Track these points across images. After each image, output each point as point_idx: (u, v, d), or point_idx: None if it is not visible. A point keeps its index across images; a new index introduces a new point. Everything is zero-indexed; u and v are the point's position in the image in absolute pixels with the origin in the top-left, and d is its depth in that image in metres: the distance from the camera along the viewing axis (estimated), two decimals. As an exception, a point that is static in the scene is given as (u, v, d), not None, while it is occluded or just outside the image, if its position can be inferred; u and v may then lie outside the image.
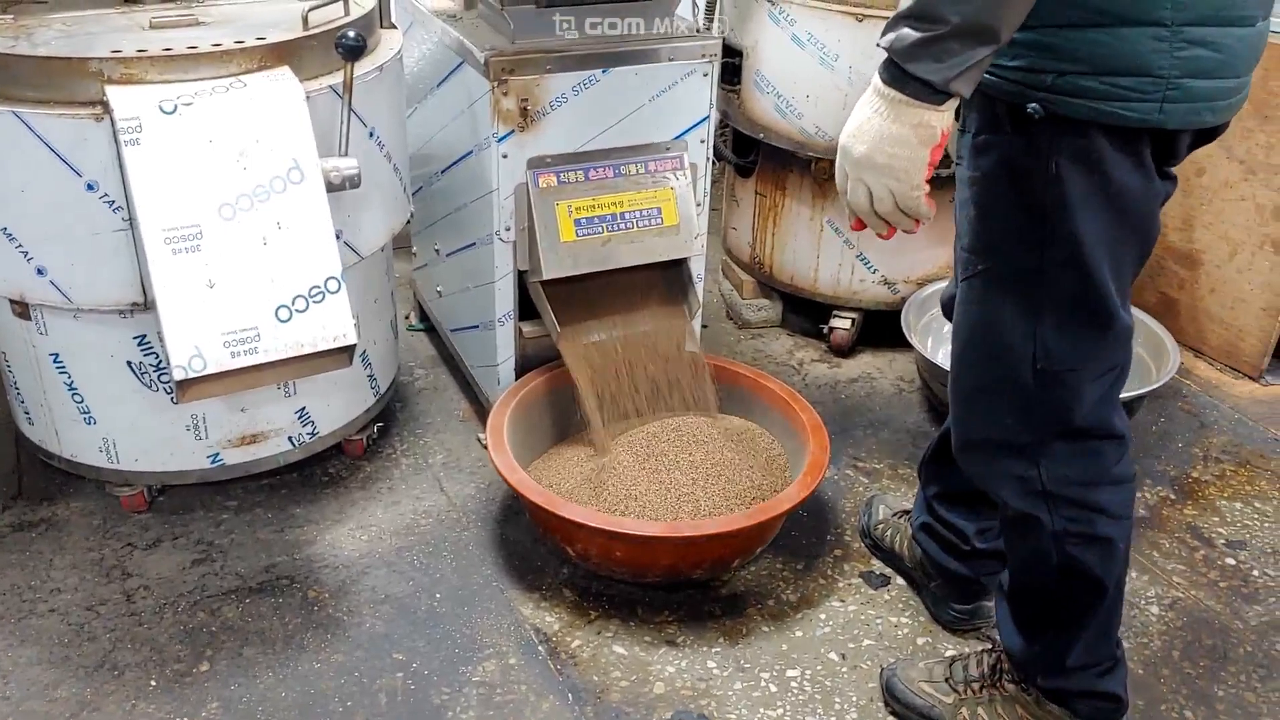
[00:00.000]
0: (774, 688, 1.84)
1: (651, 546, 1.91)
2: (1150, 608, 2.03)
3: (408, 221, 2.27)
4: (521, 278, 2.19)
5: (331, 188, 1.79)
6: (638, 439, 2.12)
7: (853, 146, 1.26)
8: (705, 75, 2.13)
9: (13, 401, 2.17)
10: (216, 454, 2.10)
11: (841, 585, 2.07)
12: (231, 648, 1.88)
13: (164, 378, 1.99)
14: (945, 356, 2.61)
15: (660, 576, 2.01)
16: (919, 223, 1.29)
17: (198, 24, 1.93)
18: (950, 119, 1.22)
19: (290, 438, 2.16)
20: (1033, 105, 1.25)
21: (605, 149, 2.11)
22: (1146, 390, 2.41)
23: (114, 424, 2.05)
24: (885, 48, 1.19)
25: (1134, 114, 1.23)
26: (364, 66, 1.93)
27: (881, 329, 2.79)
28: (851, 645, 1.92)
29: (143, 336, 1.95)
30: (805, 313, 2.92)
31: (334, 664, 1.86)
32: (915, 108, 1.19)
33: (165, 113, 1.68)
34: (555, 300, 2.13)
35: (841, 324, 2.80)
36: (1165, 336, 2.53)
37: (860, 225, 1.33)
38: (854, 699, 1.82)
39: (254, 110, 1.73)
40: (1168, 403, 2.66)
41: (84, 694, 1.79)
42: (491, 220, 2.13)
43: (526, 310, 2.23)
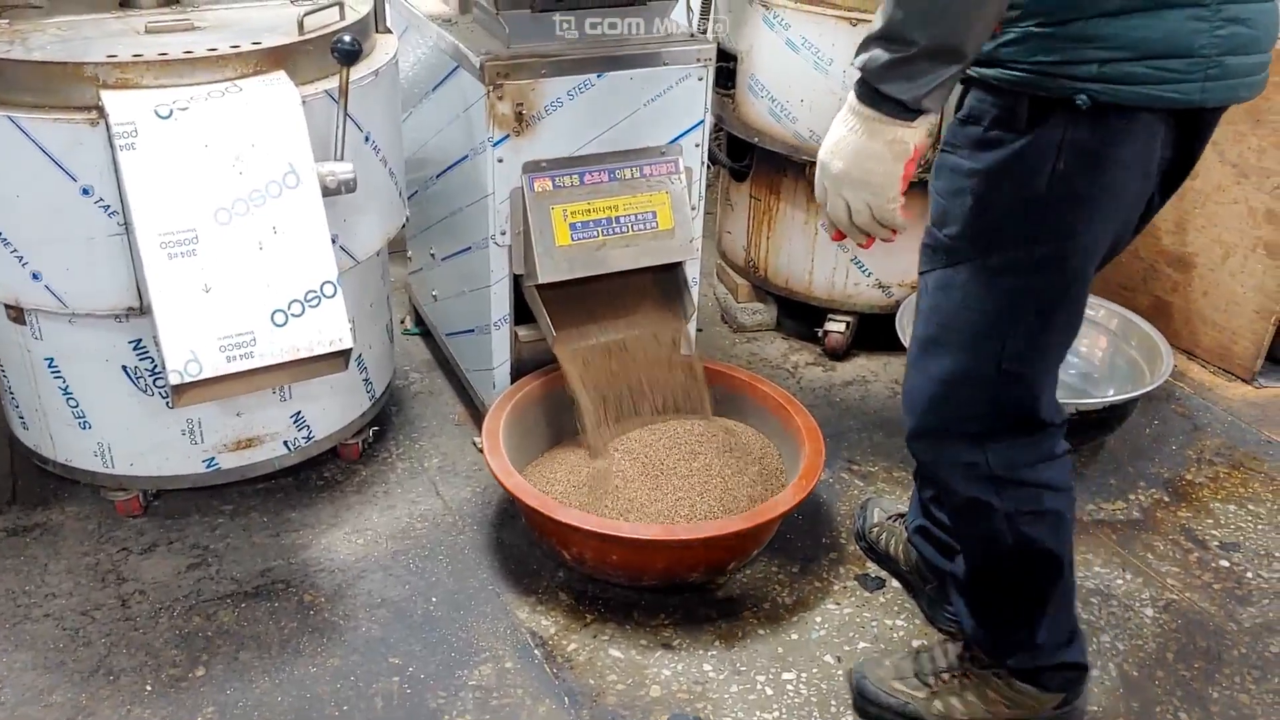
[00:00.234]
0: (770, 690, 1.84)
1: (647, 550, 1.91)
2: (1145, 610, 2.04)
3: (403, 226, 2.27)
4: (517, 282, 2.19)
5: (327, 192, 1.79)
6: (633, 443, 2.12)
7: (831, 163, 1.31)
8: (700, 79, 2.13)
9: (7, 406, 2.16)
10: (212, 458, 2.10)
11: (837, 588, 2.07)
12: (227, 652, 1.88)
13: (159, 382, 1.99)
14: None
15: (656, 580, 2.01)
16: (895, 232, 1.34)
17: (193, 29, 1.93)
18: (923, 134, 1.27)
19: (286, 442, 2.16)
20: (1081, 97, 1.23)
21: (600, 153, 2.12)
22: (1140, 393, 2.42)
23: (109, 428, 2.05)
24: (858, 68, 1.24)
25: (1180, 95, 1.23)
26: (360, 71, 1.93)
27: (876, 332, 2.80)
28: (847, 648, 1.92)
29: (138, 341, 1.95)
30: (800, 316, 2.92)
31: (330, 668, 1.86)
32: (889, 125, 1.24)
33: (161, 117, 1.68)
34: (551, 304, 2.13)
35: (836, 327, 2.81)
36: (1159, 339, 2.54)
37: (840, 236, 1.38)
38: (850, 701, 1.82)
39: (250, 115, 1.73)
40: (1161, 405, 2.67)
41: (79, 699, 1.78)
42: (487, 224, 2.13)
43: (522, 314, 2.23)
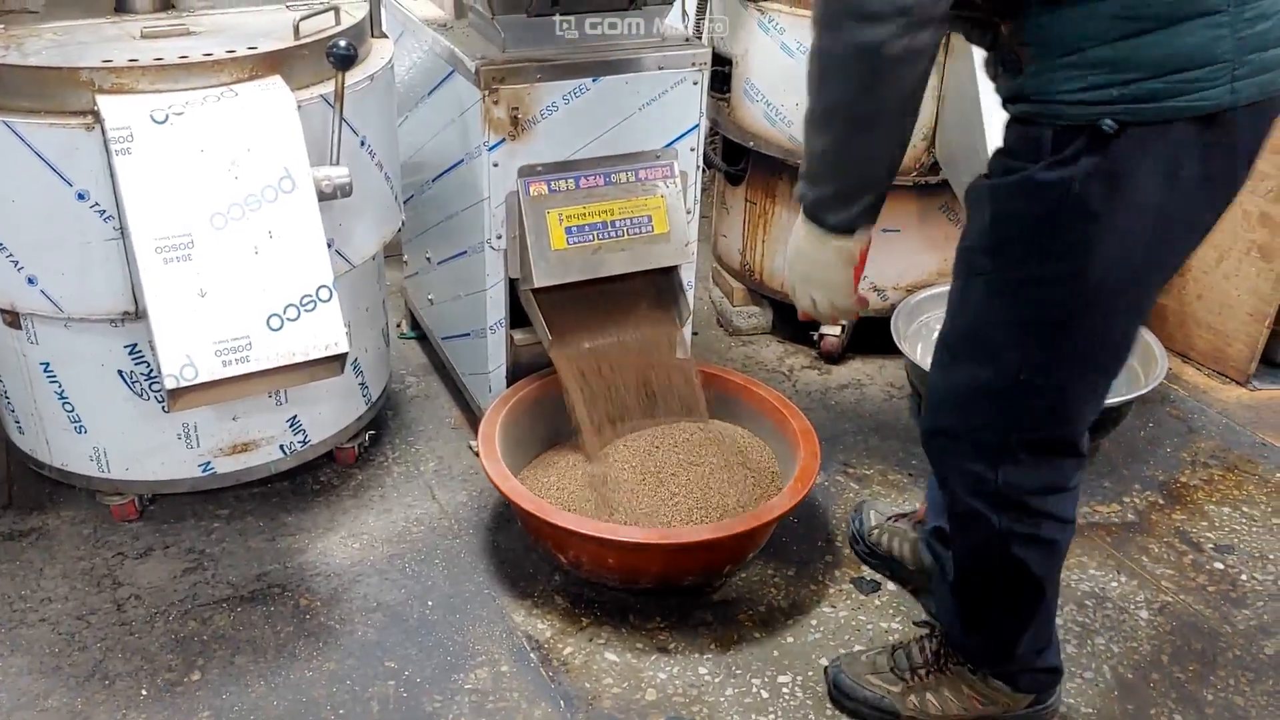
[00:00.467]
0: (765, 694, 1.85)
1: (643, 553, 1.91)
2: (1139, 612, 2.04)
3: (399, 230, 2.28)
4: (512, 286, 2.19)
5: (323, 196, 1.80)
6: (629, 446, 2.12)
7: (794, 267, 1.49)
8: (695, 84, 2.14)
9: (3, 411, 2.16)
10: (208, 463, 2.10)
11: (832, 591, 2.08)
12: (223, 656, 1.88)
13: (155, 386, 1.99)
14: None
15: (652, 583, 2.01)
16: (858, 314, 1.54)
17: (189, 33, 1.94)
18: (865, 240, 1.42)
19: (282, 446, 2.16)
20: (1107, 121, 1.22)
21: (596, 157, 2.12)
22: (1135, 396, 2.42)
23: (105, 433, 2.05)
24: (797, 199, 1.42)
25: (1206, 101, 1.21)
26: (355, 75, 1.94)
27: (871, 335, 2.80)
28: (843, 651, 1.92)
29: (134, 345, 1.95)
30: (795, 319, 2.91)
31: (326, 672, 1.86)
32: (833, 238, 1.41)
33: (156, 122, 1.69)
34: (546, 308, 2.13)
35: (831, 331, 2.81)
36: (1153, 342, 2.54)
37: (808, 316, 1.57)
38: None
39: (245, 119, 1.74)
40: (1156, 408, 2.68)
41: (75, 704, 1.78)
42: (482, 228, 2.13)
43: (517, 318, 2.23)
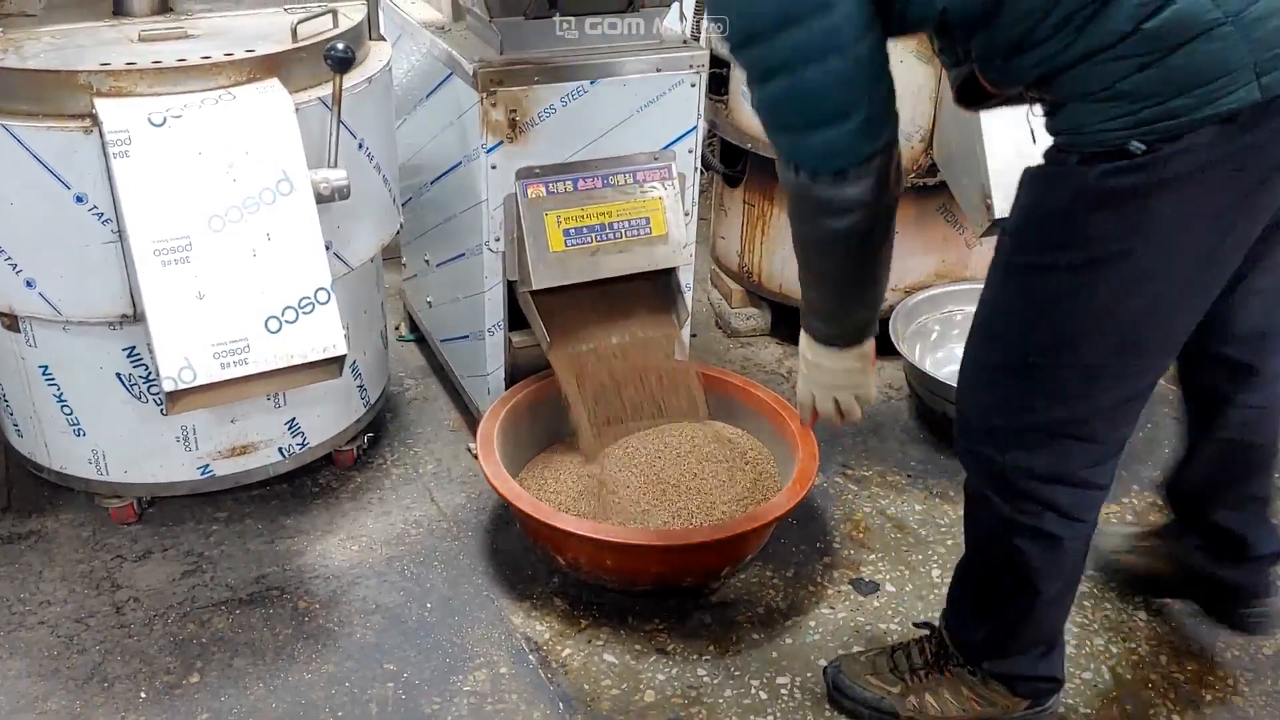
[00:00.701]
0: (764, 695, 1.85)
1: (641, 555, 1.91)
2: (1138, 613, 2.04)
3: (397, 232, 2.28)
4: (511, 288, 2.19)
5: (321, 199, 1.80)
6: (627, 448, 2.12)
7: (814, 380, 1.65)
8: (693, 86, 2.14)
9: (2, 414, 2.16)
10: (206, 465, 2.10)
11: (831, 592, 2.08)
12: (222, 659, 1.88)
13: (153, 389, 1.99)
14: (933, 364, 2.64)
15: (650, 584, 2.01)
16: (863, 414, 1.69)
17: (186, 37, 1.94)
18: (875, 334, 1.59)
19: (280, 448, 2.16)
20: (1134, 143, 1.23)
21: (593, 159, 2.12)
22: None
23: (103, 436, 2.05)
24: (803, 325, 1.62)
25: (1233, 103, 1.20)
26: (353, 78, 1.94)
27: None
28: (841, 652, 1.92)
29: (132, 348, 1.95)
30: (794, 321, 2.89)
31: (324, 674, 1.86)
32: (849, 349, 1.59)
33: (154, 125, 1.69)
34: (545, 310, 2.13)
35: (830, 332, 2.81)
36: (1151, 343, 2.54)
37: (814, 420, 1.71)
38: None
39: (243, 122, 1.74)
40: (1155, 408, 2.67)
41: (73, 706, 1.78)
42: (481, 231, 2.13)
43: (516, 320, 2.23)
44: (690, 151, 2.20)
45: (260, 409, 2.09)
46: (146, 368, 1.97)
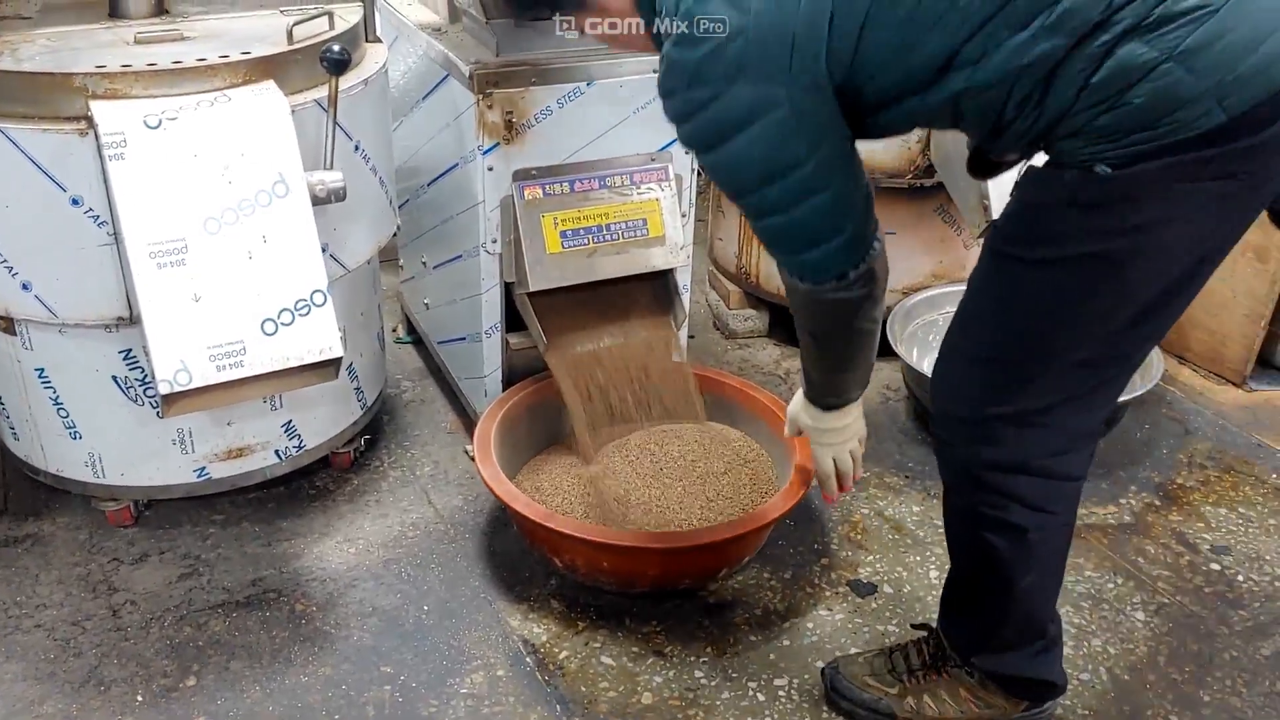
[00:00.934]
0: (762, 697, 1.84)
1: (638, 557, 1.91)
2: (1136, 614, 2.04)
3: (394, 234, 2.28)
4: (508, 290, 2.19)
5: (317, 201, 1.80)
6: (624, 449, 2.12)
7: (823, 441, 1.79)
8: (689, 87, 2.13)
9: (-2, 417, 2.17)
10: (203, 468, 2.10)
11: (829, 594, 2.07)
12: (218, 662, 1.88)
13: (150, 392, 1.98)
14: (930, 365, 2.63)
15: (647, 587, 2.01)
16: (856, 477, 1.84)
17: (182, 39, 1.94)
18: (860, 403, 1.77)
19: (277, 451, 2.16)
20: (1101, 167, 1.28)
21: (591, 160, 2.12)
22: (1131, 397, 2.42)
23: (100, 438, 2.04)
24: (809, 399, 1.76)
25: (1198, 128, 1.23)
26: (349, 80, 1.94)
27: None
28: (839, 654, 1.92)
29: (128, 351, 1.95)
30: (792, 322, 2.91)
31: (321, 677, 1.86)
32: (844, 408, 1.75)
33: (150, 127, 1.69)
34: (542, 312, 2.13)
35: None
36: (1149, 344, 2.54)
37: (841, 490, 1.84)
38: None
39: (239, 124, 1.74)
40: (1152, 409, 2.68)
41: (70, 710, 1.78)
42: (478, 232, 2.13)
43: (513, 322, 2.23)
44: (687, 153, 2.20)
45: (257, 411, 2.09)
46: (143, 370, 1.97)
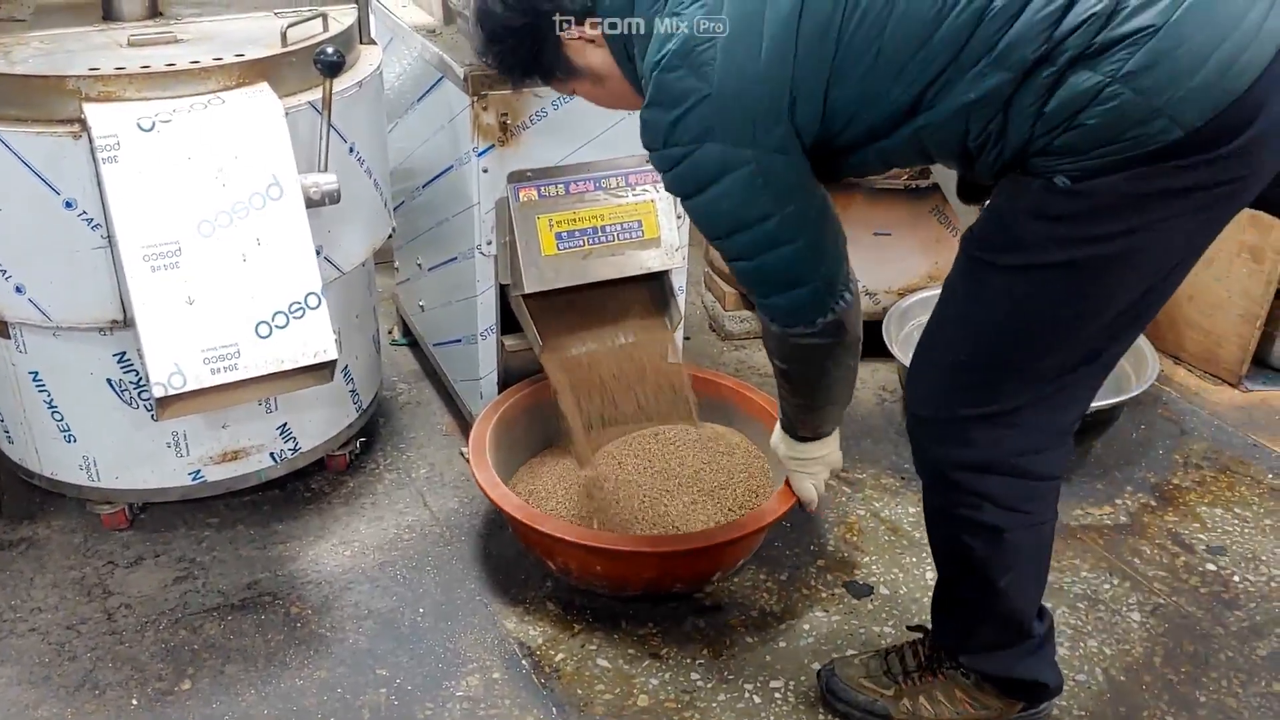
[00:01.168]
0: (758, 699, 1.84)
1: (633, 560, 1.91)
2: (1132, 614, 2.04)
3: (389, 236, 2.28)
4: (503, 292, 2.19)
5: (311, 203, 1.79)
6: (620, 451, 2.12)
7: (803, 470, 1.89)
8: (684, 89, 2.13)
9: (-8, 420, 2.16)
10: (198, 471, 2.09)
11: (825, 595, 2.07)
12: (213, 665, 1.88)
13: (144, 395, 1.98)
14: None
15: (642, 589, 2.01)
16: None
17: (176, 41, 1.93)
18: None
19: (272, 454, 2.16)
20: (1061, 178, 1.29)
21: (585, 162, 2.12)
22: (1126, 397, 2.43)
23: (94, 442, 2.04)
24: (784, 428, 1.85)
25: (1155, 144, 1.24)
26: (343, 82, 1.93)
27: (863, 339, 2.79)
28: (836, 655, 1.91)
29: (123, 354, 1.94)
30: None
31: (317, 680, 1.85)
32: (825, 438, 1.85)
33: (143, 130, 1.68)
34: (537, 314, 2.13)
35: (824, 334, 2.81)
36: (1144, 344, 2.55)
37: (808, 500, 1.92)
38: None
39: (233, 127, 1.73)
40: (1148, 410, 2.68)
41: (65, 714, 1.77)
42: (473, 234, 2.13)
43: (509, 324, 2.23)
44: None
45: (252, 414, 2.08)
46: (137, 373, 1.96)
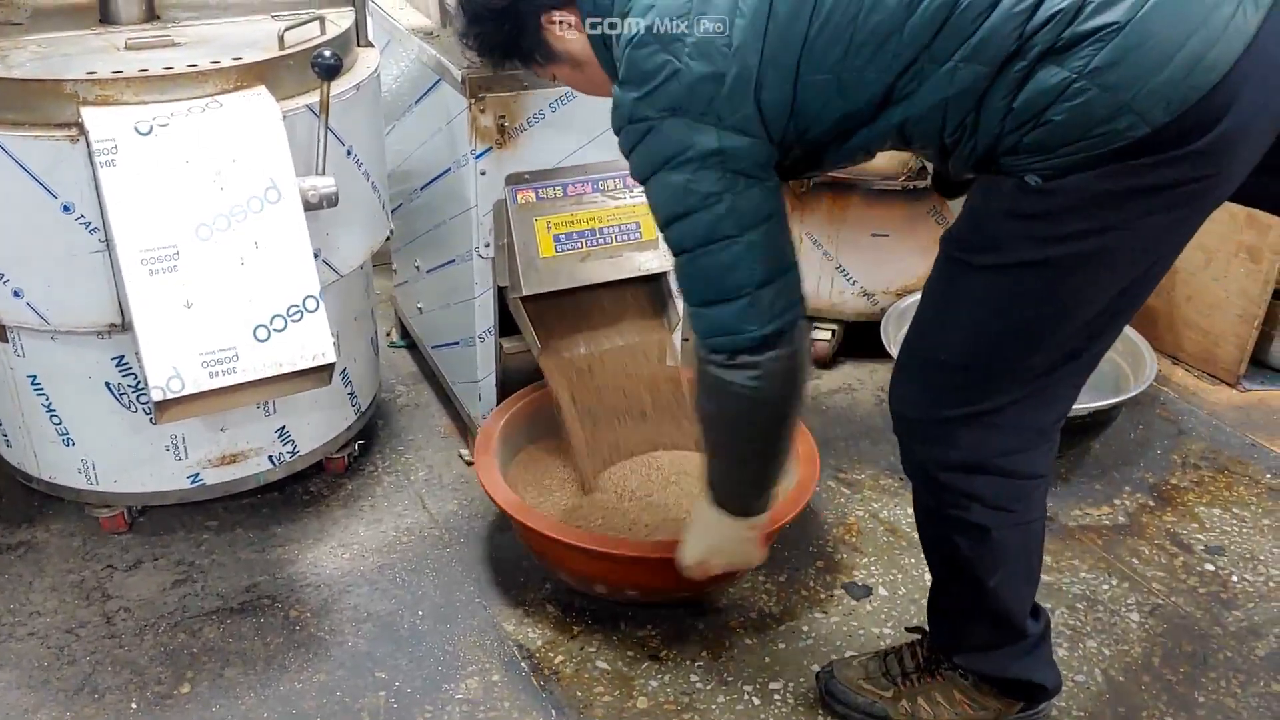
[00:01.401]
0: (757, 700, 1.84)
1: (633, 566, 1.90)
2: (1130, 614, 2.04)
3: (387, 239, 2.27)
4: (501, 294, 2.19)
5: (309, 206, 1.79)
6: (619, 453, 2.12)
7: (705, 541, 1.69)
8: (682, 90, 2.13)
9: (-10, 424, 2.16)
10: (196, 474, 2.09)
11: (824, 597, 2.07)
12: (213, 669, 1.88)
13: (142, 398, 1.98)
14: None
15: (643, 595, 2.00)
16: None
17: (173, 45, 1.93)
18: (768, 514, 1.68)
19: (271, 456, 2.16)
20: (1032, 177, 1.29)
21: (583, 164, 2.12)
22: (1124, 398, 2.43)
23: (93, 445, 2.04)
24: (709, 499, 1.65)
25: (1130, 137, 1.24)
26: (341, 85, 1.93)
27: (862, 340, 2.80)
28: (835, 657, 1.91)
29: (121, 357, 1.94)
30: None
31: (316, 683, 1.85)
32: (748, 520, 1.66)
33: (141, 134, 1.68)
34: (535, 316, 2.13)
35: (822, 335, 2.81)
36: (1142, 344, 2.55)
37: (701, 575, 1.74)
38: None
39: (230, 130, 1.73)
40: (1146, 410, 2.68)
41: (64, 718, 1.77)
42: (471, 237, 2.13)
43: (507, 326, 2.23)
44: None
45: (250, 417, 2.08)
46: (135, 377, 1.96)
